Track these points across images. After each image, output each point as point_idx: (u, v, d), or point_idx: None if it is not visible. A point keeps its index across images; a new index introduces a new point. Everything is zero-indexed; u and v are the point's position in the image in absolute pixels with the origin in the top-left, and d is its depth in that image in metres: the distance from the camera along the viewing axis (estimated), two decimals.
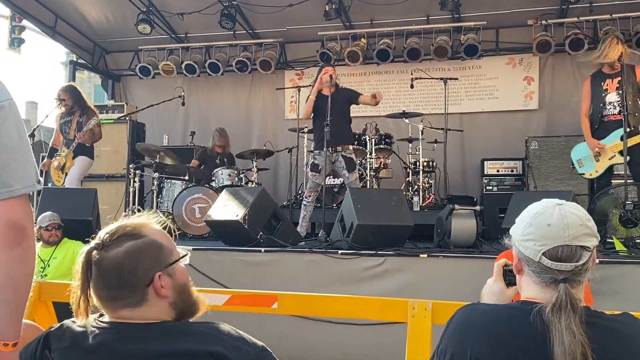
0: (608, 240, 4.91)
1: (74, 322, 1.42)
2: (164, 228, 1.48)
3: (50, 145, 6.82)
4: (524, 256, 1.45)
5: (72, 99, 6.59)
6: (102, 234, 1.40)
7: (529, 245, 1.43)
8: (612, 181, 5.63)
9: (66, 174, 6.54)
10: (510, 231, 1.52)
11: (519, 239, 1.46)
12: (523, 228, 1.46)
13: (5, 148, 1.45)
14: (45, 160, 6.78)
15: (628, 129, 5.17)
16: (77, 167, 6.52)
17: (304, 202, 6.24)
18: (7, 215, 1.43)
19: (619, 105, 5.34)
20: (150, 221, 1.46)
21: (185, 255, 1.47)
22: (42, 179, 1.54)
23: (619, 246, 4.78)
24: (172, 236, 1.49)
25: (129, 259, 1.36)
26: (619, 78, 5.32)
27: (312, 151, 6.47)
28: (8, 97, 1.48)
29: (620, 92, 5.29)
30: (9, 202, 1.44)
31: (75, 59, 9.87)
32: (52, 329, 1.42)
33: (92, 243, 1.39)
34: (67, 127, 6.58)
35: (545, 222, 1.42)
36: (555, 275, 1.40)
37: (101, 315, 1.42)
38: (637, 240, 4.77)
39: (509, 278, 1.64)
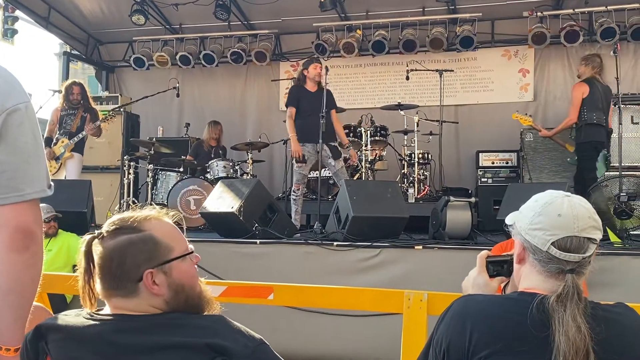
0: None
1: (69, 314, 1.42)
2: (177, 223, 1.45)
3: (46, 135, 6.89)
4: (530, 245, 1.44)
5: (81, 95, 6.93)
6: (105, 224, 1.41)
7: (537, 234, 1.42)
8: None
9: (61, 164, 6.68)
10: (514, 220, 1.50)
11: (526, 227, 1.45)
12: (532, 217, 1.44)
13: (20, 151, 1.43)
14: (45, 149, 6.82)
15: None
16: (75, 165, 6.77)
17: (292, 197, 6.16)
18: (16, 219, 1.42)
19: None
20: (160, 215, 1.43)
21: (187, 254, 1.42)
22: (52, 184, 1.51)
23: (613, 238, 4.80)
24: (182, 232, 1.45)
25: (118, 253, 1.35)
26: None
27: None
28: (25, 100, 1.45)
29: None
30: (19, 207, 1.42)
31: (69, 50, 9.81)
32: (46, 321, 1.41)
33: (95, 232, 1.40)
34: (70, 119, 6.82)
35: (556, 212, 1.41)
36: (562, 266, 1.39)
37: (98, 309, 1.42)
38: (632, 232, 4.79)
39: (496, 269, 1.61)
